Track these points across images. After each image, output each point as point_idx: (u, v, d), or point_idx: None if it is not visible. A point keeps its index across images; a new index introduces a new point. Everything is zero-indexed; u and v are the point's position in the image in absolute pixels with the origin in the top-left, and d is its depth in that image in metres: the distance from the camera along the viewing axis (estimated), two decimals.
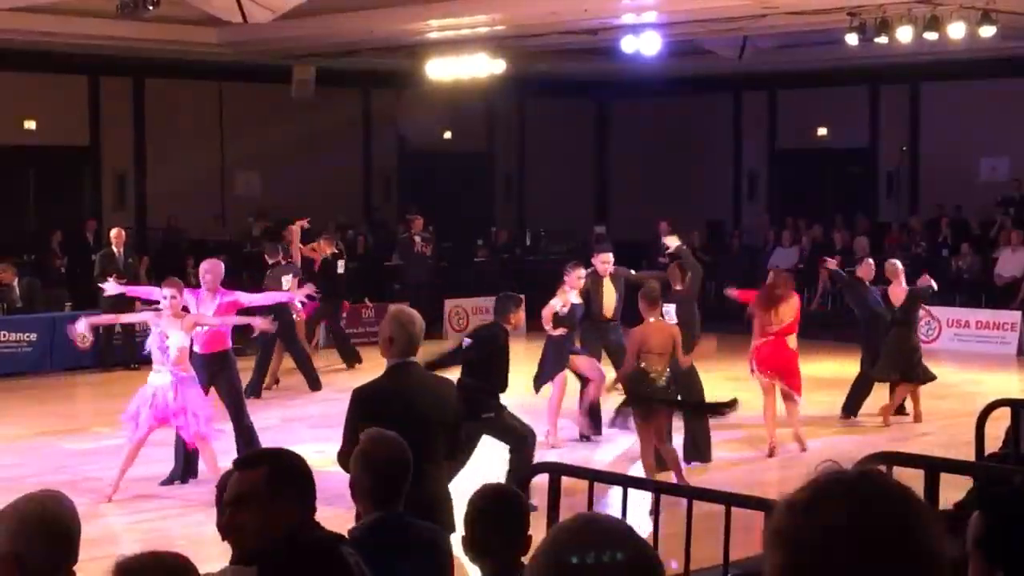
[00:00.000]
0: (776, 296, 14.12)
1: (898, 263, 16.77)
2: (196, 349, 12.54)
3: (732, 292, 15.61)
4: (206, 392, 12.47)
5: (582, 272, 14.74)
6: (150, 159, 27.09)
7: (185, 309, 12.40)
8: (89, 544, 4.44)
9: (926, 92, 28.93)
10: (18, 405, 17.55)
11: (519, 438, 11.41)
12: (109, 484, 12.06)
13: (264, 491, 4.25)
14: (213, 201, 27.75)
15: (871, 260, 17.03)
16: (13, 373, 19.75)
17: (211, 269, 13.03)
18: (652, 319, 12.04)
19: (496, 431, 11.47)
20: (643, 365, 11.88)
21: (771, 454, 13.93)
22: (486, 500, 4.77)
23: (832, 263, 17.20)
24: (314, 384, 18.63)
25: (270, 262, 18.82)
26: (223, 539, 4.43)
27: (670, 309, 13.37)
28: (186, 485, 12.52)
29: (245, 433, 12.72)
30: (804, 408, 14.79)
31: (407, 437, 6.45)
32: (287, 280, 18.25)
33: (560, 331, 14.37)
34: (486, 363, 11.42)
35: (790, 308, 14.18)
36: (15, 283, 21.15)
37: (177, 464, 12.67)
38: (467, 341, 11.64)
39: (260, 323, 12.99)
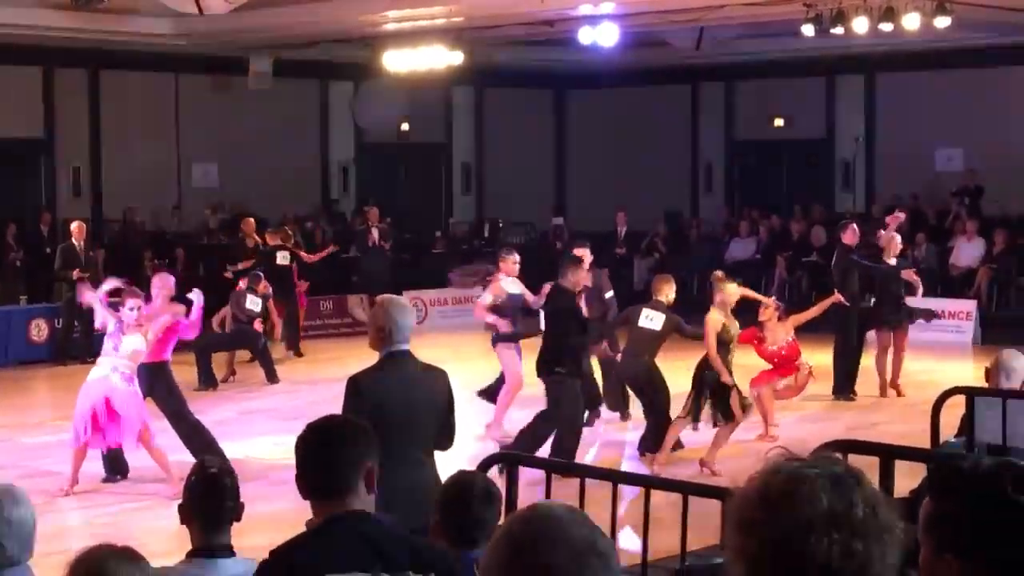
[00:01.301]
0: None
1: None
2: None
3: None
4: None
5: (516, 257, 14.87)
6: (105, 151, 26.91)
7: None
8: (45, 539, 4.42)
9: (882, 82, 29.07)
10: None
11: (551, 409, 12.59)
12: (66, 479, 12.04)
13: None
14: (170, 193, 27.60)
15: (855, 225, 17.57)
16: None
17: (163, 285, 12.83)
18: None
19: (550, 392, 12.73)
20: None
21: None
22: (457, 489, 4.74)
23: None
24: (271, 377, 18.58)
25: (237, 288, 18.91)
26: None
27: (654, 315, 13.47)
28: (146, 481, 12.40)
29: (192, 430, 12.49)
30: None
31: (402, 425, 6.48)
32: (251, 302, 18.40)
33: (497, 320, 14.38)
34: (554, 325, 12.86)
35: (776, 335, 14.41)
36: None
37: (104, 463, 12.55)
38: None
39: (195, 294, 12.87)
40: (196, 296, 12.78)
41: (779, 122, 30.51)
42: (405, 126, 30.78)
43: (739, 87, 30.87)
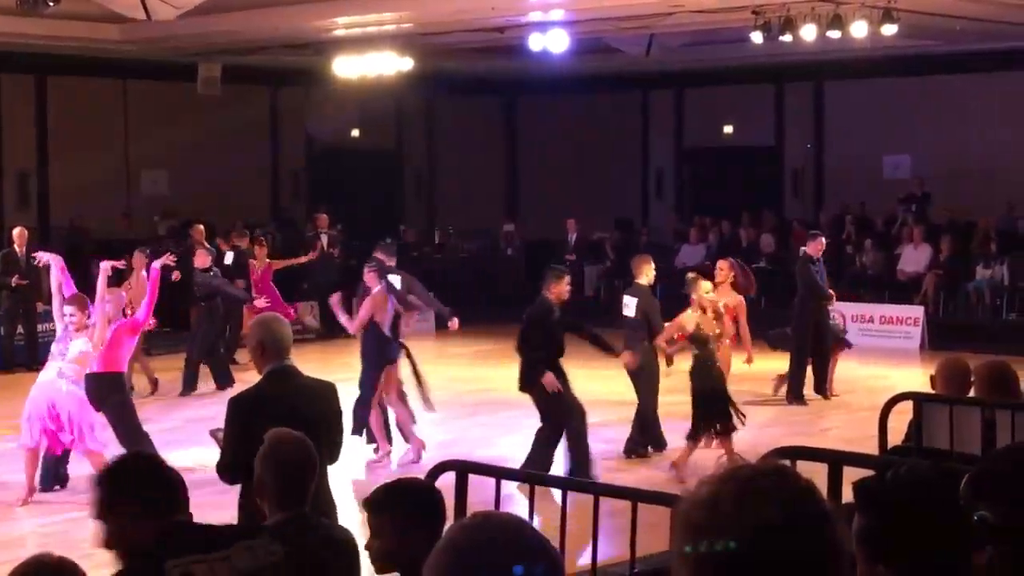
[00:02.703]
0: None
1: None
2: (90, 368, 12.23)
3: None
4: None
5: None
6: (53, 158, 26.71)
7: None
8: None
9: (830, 90, 29.26)
10: None
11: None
12: (21, 488, 12.01)
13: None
14: (118, 200, 27.42)
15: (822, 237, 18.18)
16: None
17: (113, 300, 12.78)
18: None
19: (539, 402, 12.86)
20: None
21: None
22: (413, 500, 4.66)
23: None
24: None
25: (199, 267, 18.79)
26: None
27: (630, 302, 13.54)
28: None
29: (140, 444, 12.37)
30: None
31: None
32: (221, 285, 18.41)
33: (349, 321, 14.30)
34: (536, 334, 12.81)
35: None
36: None
37: (44, 470, 12.40)
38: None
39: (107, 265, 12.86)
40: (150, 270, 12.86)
41: (728, 129, 30.65)
42: (356, 132, 30.72)
43: (689, 94, 30.99)
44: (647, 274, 13.75)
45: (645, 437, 13.85)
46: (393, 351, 14.10)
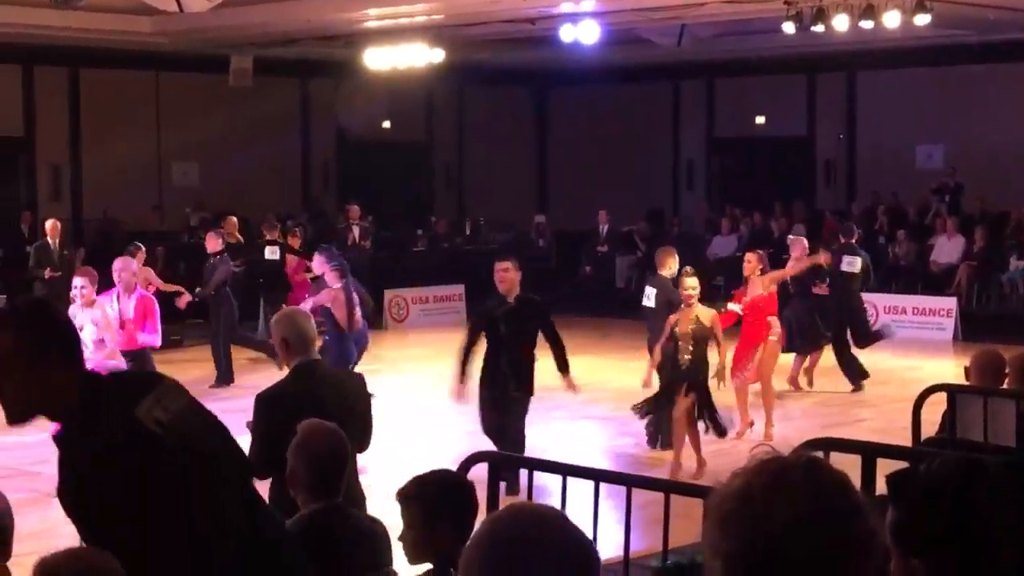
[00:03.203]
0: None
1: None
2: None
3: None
4: None
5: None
6: (86, 150, 26.84)
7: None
8: (29, 538, 4.40)
9: (862, 80, 29.12)
10: None
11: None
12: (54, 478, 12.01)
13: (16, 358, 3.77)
14: (150, 192, 27.53)
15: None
16: None
17: (124, 267, 12.78)
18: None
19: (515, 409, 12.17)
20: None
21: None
22: (442, 491, 4.65)
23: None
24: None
25: (210, 251, 18.59)
26: None
27: (650, 292, 13.52)
28: None
29: None
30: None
31: None
32: (224, 272, 18.22)
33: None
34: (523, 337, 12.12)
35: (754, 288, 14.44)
36: None
37: None
38: None
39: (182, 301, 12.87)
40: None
41: (760, 120, 30.56)
42: (386, 124, 30.75)
43: (720, 85, 30.91)
44: (670, 266, 13.73)
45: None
46: (351, 351, 14.21)
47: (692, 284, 12.55)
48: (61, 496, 3.68)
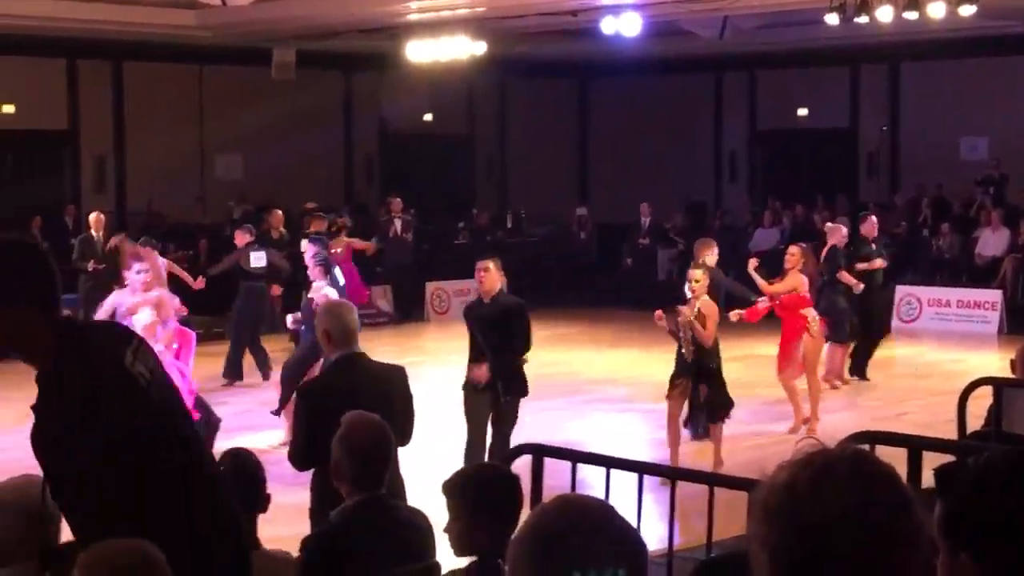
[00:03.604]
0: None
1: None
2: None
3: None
4: None
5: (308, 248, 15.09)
6: (129, 142, 26.99)
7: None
8: (67, 531, 4.42)
9: (906, 72, 28.96)
10: None
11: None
12: None
13: None
14: (193, 184, 27.66)
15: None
16: None
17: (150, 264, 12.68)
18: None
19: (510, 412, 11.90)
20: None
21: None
22: (487, 484, 4.63)
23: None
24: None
25: (239, 244, 18.42)
26: None
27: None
28: None
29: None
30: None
31: None
32: (256, 257, 18.04)
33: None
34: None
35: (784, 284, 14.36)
36: None
37: None
38: None
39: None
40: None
41: (803, 112, 30.44)
42: (428, 117, 30.79)
43: (763, 77, 30.79)
44: (709, 257, 13.72)
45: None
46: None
47: (694, 277, 12.39)
48: (34, 438, 3.66)
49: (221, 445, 10.59)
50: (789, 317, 14.33)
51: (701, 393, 12.19)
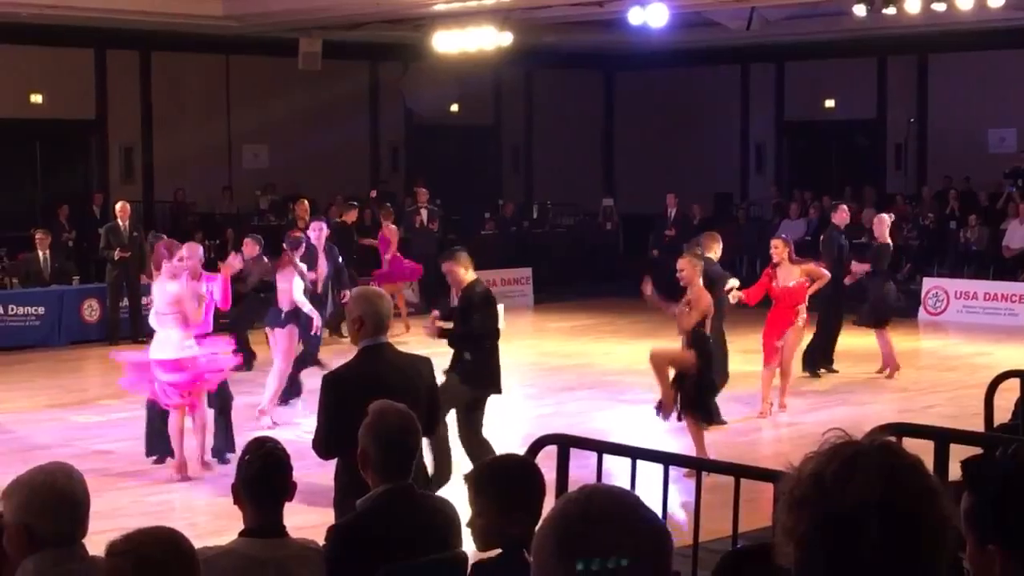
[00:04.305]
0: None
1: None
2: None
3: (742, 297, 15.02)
4: None
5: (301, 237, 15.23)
6: (157, 132, 27.07)
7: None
8: (98, 517, 4.45)
9: (934, 63, 28.85)
10: (27, 378, 17.59)
11: None
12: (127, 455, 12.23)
13: None
14: (220, 174, 27.73)
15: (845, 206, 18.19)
16: (22, 346, 19.80)
17: (192, 255, 12.69)
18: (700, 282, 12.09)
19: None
20: (703, 330, 11.99)
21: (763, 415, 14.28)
22: (512, 477, 4.60)
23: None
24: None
25: (247, 256, 18.17)
26: None
27: None
28: (193, 460, 12.35)
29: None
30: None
31: None
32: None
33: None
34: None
35: (788, 273, 14.34)
36: (47, 253, 21.15)
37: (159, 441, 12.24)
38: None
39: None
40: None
41: (830, 103, 30.35)
42: (455, 107, 30.80)
43: (790, 68, 30.71)
44: (715, 251, 13.74)
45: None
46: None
47: (679, 266, 12.27)
48: None
49: (248, 436, 10.61)
50: (785, 308, 14.35)
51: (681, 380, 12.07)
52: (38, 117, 25.63)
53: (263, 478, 4.89)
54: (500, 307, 11.25)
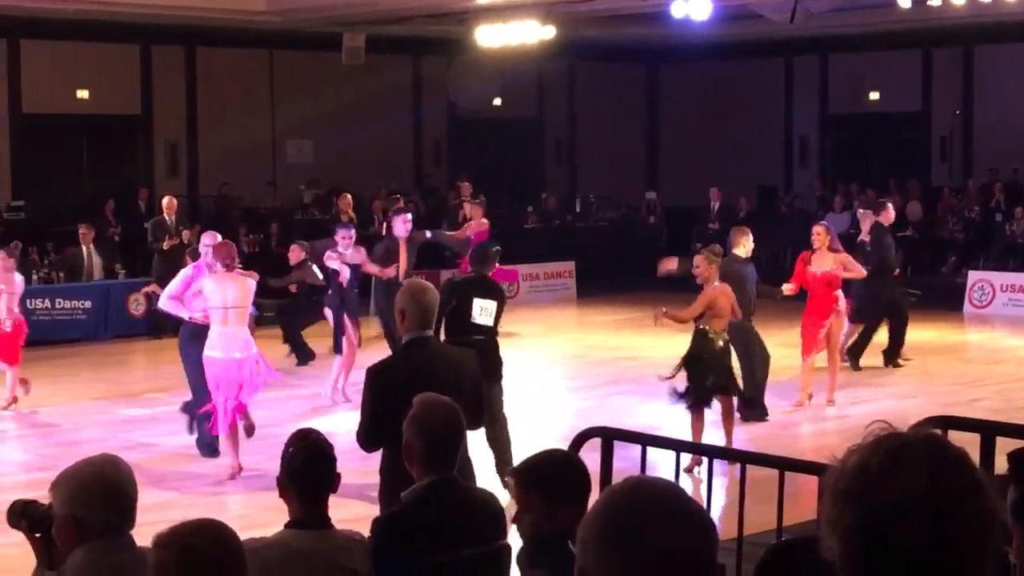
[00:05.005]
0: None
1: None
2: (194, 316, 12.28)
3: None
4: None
5: (349, 232, 15.49)
6: (202, 127, 27.21)
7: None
8: (145, 510, 4.49)
9: (980, 55, 28.64)
10: (74, 371, 17.72)
11: None
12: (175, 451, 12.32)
13: None
14: (265, 169, 27.84)
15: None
16: (69, 340, 19.94)
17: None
18: (716, 282, 12.05)
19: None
20: (704, 327, 11.90)
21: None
22: (559, 473, 4.60)
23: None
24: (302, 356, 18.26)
25: (292, 262, 18.15)
26: None
27: None
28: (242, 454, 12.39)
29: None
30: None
31: None
32: (317, 271, 17.89)
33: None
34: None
35: (822, 261, 14.29)
36: (91, 248, 21.31)
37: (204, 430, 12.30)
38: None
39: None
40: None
41: (874, 96, 30.18)
42: (498, 101, 30.80)
43: (834, 60, 30.56)
44: (744, 245, 13.65)
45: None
46: None
47: (695, 262, 12.29)
48: None
49: (291, 428, 10.55)
50: (823, 296, 14.30)
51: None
52: (84, 113, 25.81)
53: (308, 470, 4.92)
54: (487, 303, 11.15)
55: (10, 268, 15.45)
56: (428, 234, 17.25)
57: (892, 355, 17.20)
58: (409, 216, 16.22)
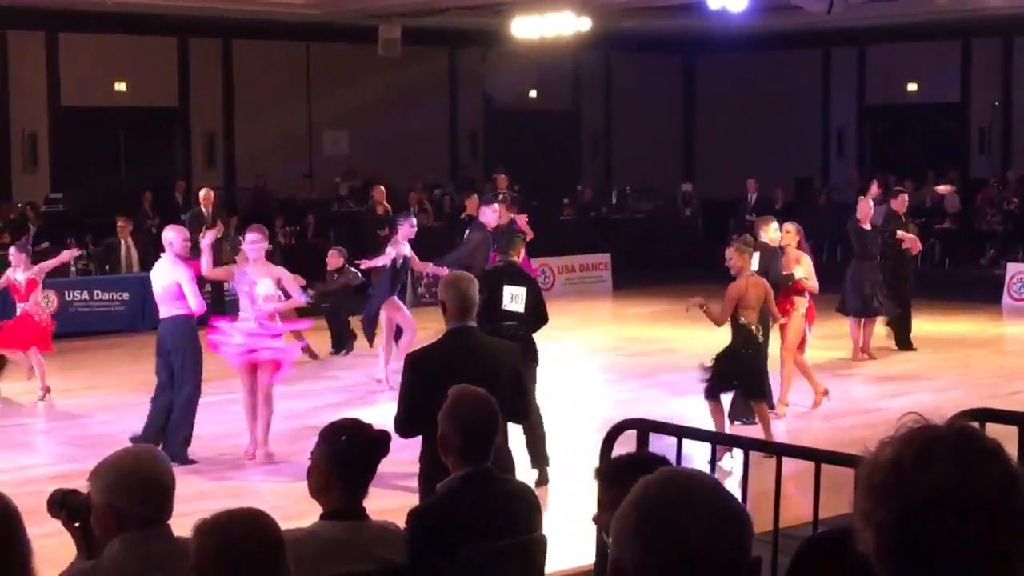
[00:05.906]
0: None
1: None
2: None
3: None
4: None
5: (414, 222, 15.82)
6: (239, 119, 27.31)
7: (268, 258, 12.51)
8: (182, 500, 4.51)
9: (1019, 46, 28.46)
10: (112, 363, 17.81)
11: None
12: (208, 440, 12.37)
13: None
14: (301, 160, 27.92)
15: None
16: (107, 331, 20.05)
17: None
18: (749, 273, 12.00)
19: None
20: (744, 321, 11.86)
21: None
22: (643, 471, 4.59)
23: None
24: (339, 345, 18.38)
25: (330, 268, 18.39)
26: None
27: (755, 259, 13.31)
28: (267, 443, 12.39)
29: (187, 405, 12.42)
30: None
31: None
32: (358, 274, 18.02)
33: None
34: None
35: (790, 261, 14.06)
36: (129, 240, 21.42)
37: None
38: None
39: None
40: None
41: (912, 86, 30.03)
42: (533, 93, 30.78)
43: (872, 51, 30.41)
44: (768, 233, 13.58)
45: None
46: None
47: (726, 255, 12.21)
48: None
49: (329, 416, 10.53)
50: (783, 297, 14.10)
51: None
52: (122, 105, 25.95)
53: (361, 461, 4.90)
54: (516, 290, 11.26)
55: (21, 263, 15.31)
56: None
57: (904, 341, 17.48)
58: (496, 206, 16.05)
